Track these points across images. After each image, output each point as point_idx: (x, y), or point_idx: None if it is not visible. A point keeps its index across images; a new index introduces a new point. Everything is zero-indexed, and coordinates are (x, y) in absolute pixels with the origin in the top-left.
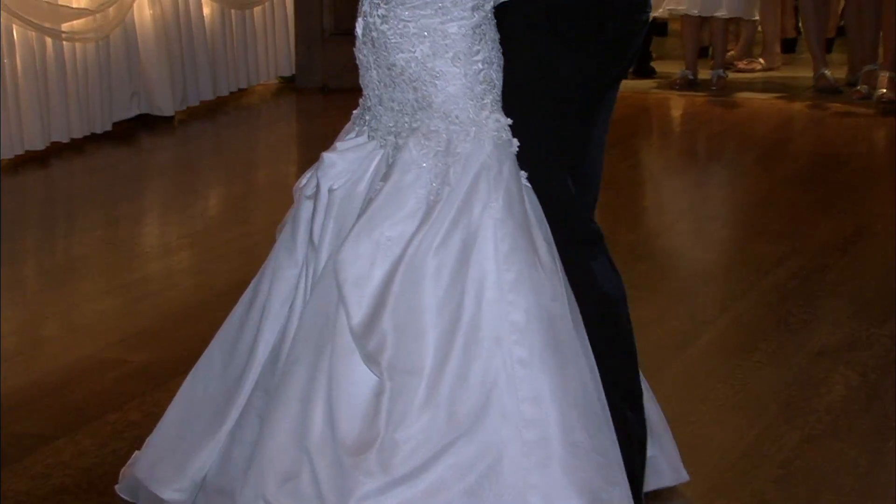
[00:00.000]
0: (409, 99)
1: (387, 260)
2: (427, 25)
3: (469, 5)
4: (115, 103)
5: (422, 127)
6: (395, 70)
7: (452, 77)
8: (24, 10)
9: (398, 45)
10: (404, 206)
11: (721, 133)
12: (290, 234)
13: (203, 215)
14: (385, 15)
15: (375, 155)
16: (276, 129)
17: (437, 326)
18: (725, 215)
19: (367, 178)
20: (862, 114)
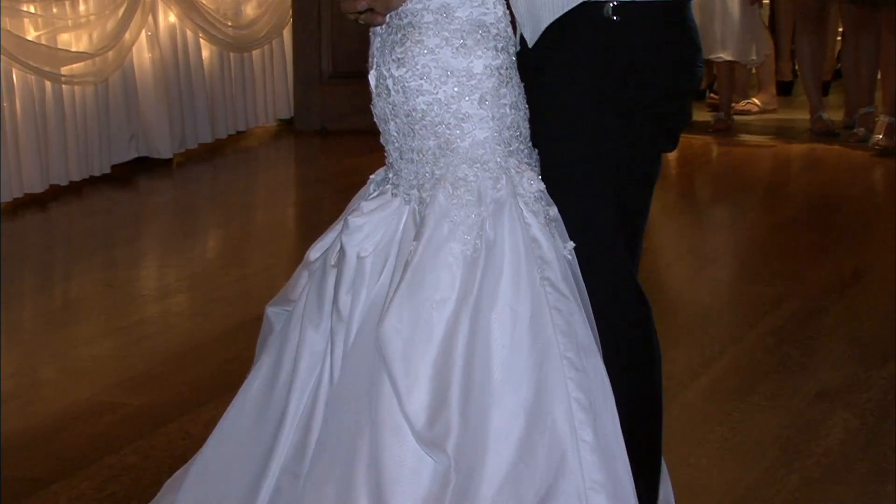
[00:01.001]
0: (429, 146)
1: (436, 328)
2: (450, 65)
3: (492, 45)
4: (114, 146)
5: (447, 175)
6: (414, 116)
7: (480, 120)
8: (24, 54)
9: (419, 87)
10: (443, 264)
11: (719, 175)
12: (316, 306)
13: (201, 258)
14: (401, 58)
15: (402, 212)
16: (275, 172)
17: (501, 403)
18: (724, 257)
19: (396, 239)
20: (859, 156)
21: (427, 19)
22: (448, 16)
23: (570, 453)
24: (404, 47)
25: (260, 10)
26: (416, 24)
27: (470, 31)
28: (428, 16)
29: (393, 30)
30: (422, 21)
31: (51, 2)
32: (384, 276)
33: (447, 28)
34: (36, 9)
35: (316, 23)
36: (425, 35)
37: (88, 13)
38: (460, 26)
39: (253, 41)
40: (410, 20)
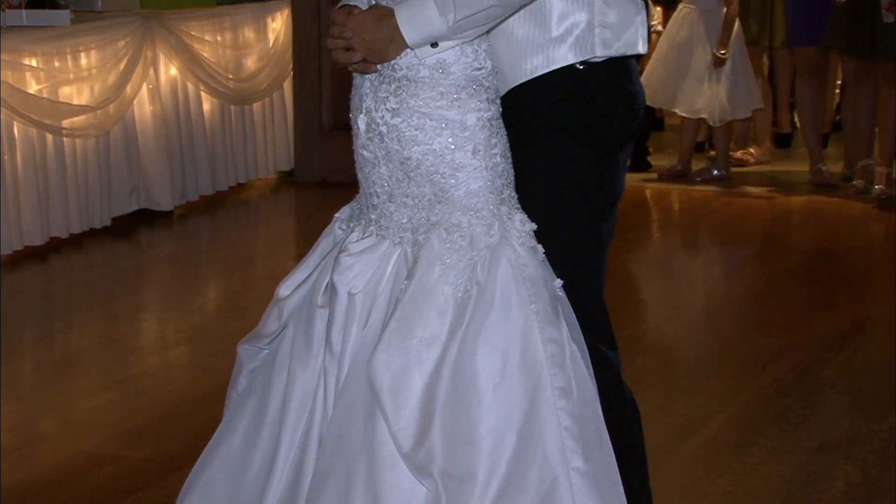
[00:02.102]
0: (425, 193)
1: (425, 363)
2: (445, 117)
3: (484, 97)
4: (115, 198)
5: (442, 221)
6: (409, 164)
7: (474, 170)
8: (25, 108)
9: (413, 138)
10: (433, 304)
11: (719, 226)
12: (304, 345)
13: (201, 310)
14: (396, 108)
15: (391, 254)
16: (275, 224)
17: (489, 429)
18: (724, 308)
19: (385, 278)
20: (859, 208)
21: (423, 74)
22: (444, 71)
23: (562, 480)
24: (399, 98)
25: (261, 63)
26: (411, 77)
27: (464, 86)
28: (424, 71)
29: (385, 79)
30: (418, 75)
31: (53, 55)
32: (374, 313)
33: (443, 83)
34: (38, 62)
35: (316, 76)
36: (421, 89)
37: (90, 67)
38: (455, 81)
39: (254, 94)
40: (406, 73)
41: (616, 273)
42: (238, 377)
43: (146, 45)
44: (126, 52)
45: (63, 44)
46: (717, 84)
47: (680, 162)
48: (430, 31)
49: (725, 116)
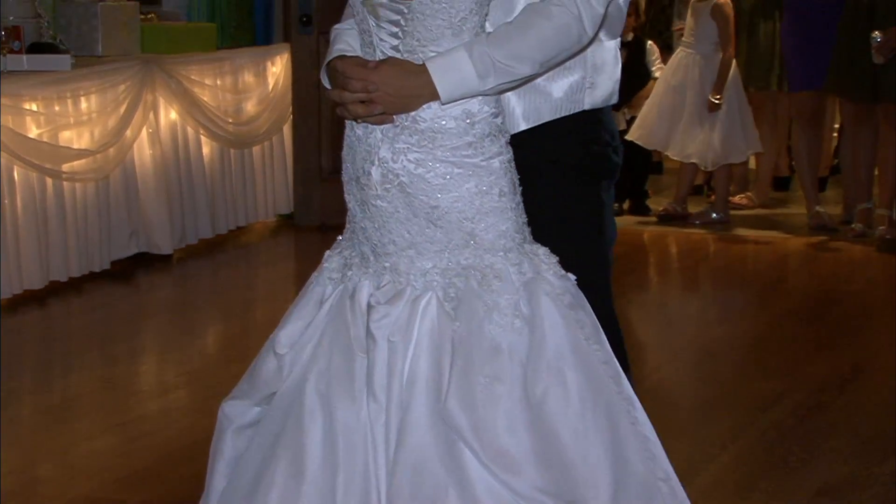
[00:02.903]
0: (452, 238)
1: (498, 398)
2: (472, 164)
3: (503, 140)
4: (114, 242)
5: (475, 264)
6: (437, 212)
7: (502, 212)
8: (25, 152)
9: (441, 186)
10: (487, 344)
11: (718, 270)
12: (345, 390)
13: (201, 353)
14: (421, 159)
15: (419, 299)
16: (275, 268)
17: (581, 453)
18: (723, 352)
19: (418, 324)
20: (857, 251)
21: (449, 125)
22: (469, 121)
23: (655, 492)
24: (423, 149)
25: (260, 107)
26: (436, 129)
27: (487, 133)
28: (450, 122)
29: (405, 130)
30: (444, 126)
31: (53, 100)
32: (414, 360)
33: (469, 133)
34: (38, 107)
35: (316, 119)
36: (447, 139)
37: (90, 111)
38: (480, 129)
39: (253, 138)
40: (430, 125)
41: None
42: (221, 440)
43: (146, 90)
44: (126, 97)
45: (63, 88)
46: (710, 129)
47: (677, 202)
48: (464, 90)
49: (719, 161)
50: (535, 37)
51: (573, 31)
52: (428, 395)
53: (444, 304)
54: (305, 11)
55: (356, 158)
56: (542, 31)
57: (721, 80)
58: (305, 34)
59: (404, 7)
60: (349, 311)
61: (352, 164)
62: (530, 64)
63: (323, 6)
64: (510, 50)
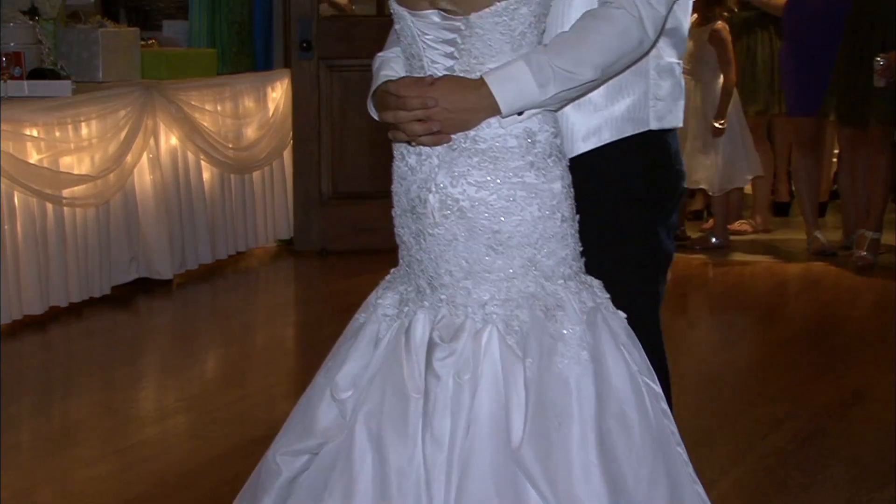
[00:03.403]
0: (513, 265)
1: (569, 441)
2: (534, 186)
3: (564, 164)
4: (114, 267)
5: (537, 293)
6: (499, 237)
7: (563, 237)
8: (26, 177)
9: (505, 209)
10: (556, 379)
11: (718, 295)
12: (395, 433)
13: (200, 378)
14: (483, 181)
15: (479, 333)
16: (275, 293)
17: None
18: (723, 377)
19: (482, 360)
20: (857, 277)
21: (511, 144)
22: (532, 140)
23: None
24: (484, 170)
25: (261, 132)
26: (499, 148)
27: (549, 154)
28: (512, 140)
29: (463, 153)
30: (506, 145)
31: (54, 125)
32: (479, 397)
33: (531, 152)
34: (39, 132)
35: (316, 145)
36: (511, 159)
37: (91, 136)
38: (542, 149)
39: (254, 163)
40: (491, 145)
41: None
42: (265, 492)
43: (147, 115)
44: (127, 122)
45: (64, 114)
46: (715, 154)
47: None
48: (525, 101)
49: (725, 185)
50: (594, 41)
51: (634, 34)
52: (493, 437)
53: (505, 337)
54: (305, 37)
55: (410, 188)
56: (601, 34)
57: (723, 105)
58: (305, 59)
59: (461, 24)
60: (403, 348)
61: (405, 195)
62: (591, 68)
63: (323, 32)
64: (570, 56)
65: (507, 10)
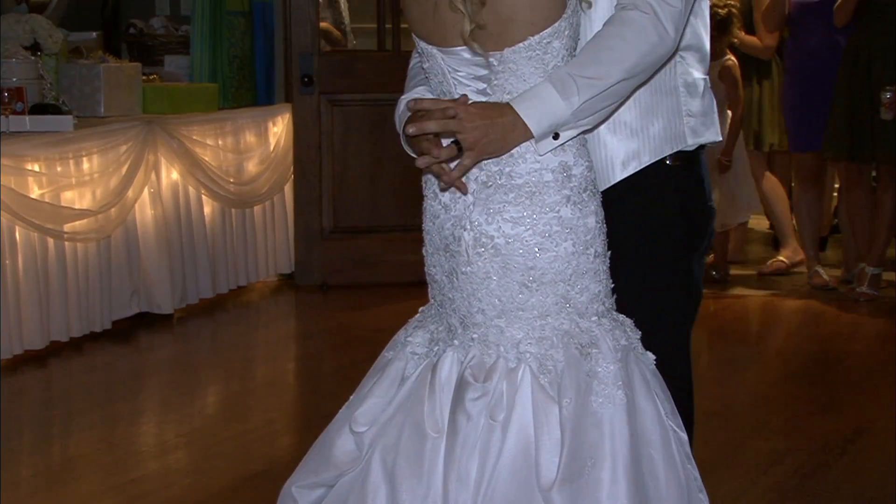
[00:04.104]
0: (546, 303)
1: (600, 486)
2: (569, 221)
3: (598, 199)
4: (115, 302)
5: (571, 331)
6: (533, 273)
7: (595, 274)
8: (27, 212)
9: (541, 244)
10: (590, 419)
11: (718, 329)
12: (411, 473)
13: (201, 413)
14: (519, 217)
15: (514, 374)
16: (275, 327)
17: None
18: (724, 412)
19: (517, 402)
20: (858, 312)
21: (547, 178)
22: (567, 174)
23: None
24: (521, 206)
25: (262, 166)
26: (535, 182)
27: (584, 188)
28: (548, 175)
29: (499, 189)
30: (542, 180)
31: (55, 160)
32: (510, 439)
33: (567, 186)
34: (40, 167)
35: (317, 179)
36: (547, 194)
37: (92, 171)
38: (577, 183)
39: (255, 197)
40: (527, 179)
41: None
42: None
43: (148, 150)
44: (128, 157)
45: (66, 149)
46: (720, 189)
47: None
48: (554, 117)
49: (728, 222)
50: (613, 45)
51: (652, 32)
52: (520, 477)
53: (538, 377)
54: (307, 72)
55: (444, 227)
56: (619, 36)
57: (731, 140)
58: (307, 94)
59: (494, 59)
60: (427, 386)
61: (438, 234)
62: (616, 71)
63: (324, 67)
64: (590, 63)
65: (540, 45)
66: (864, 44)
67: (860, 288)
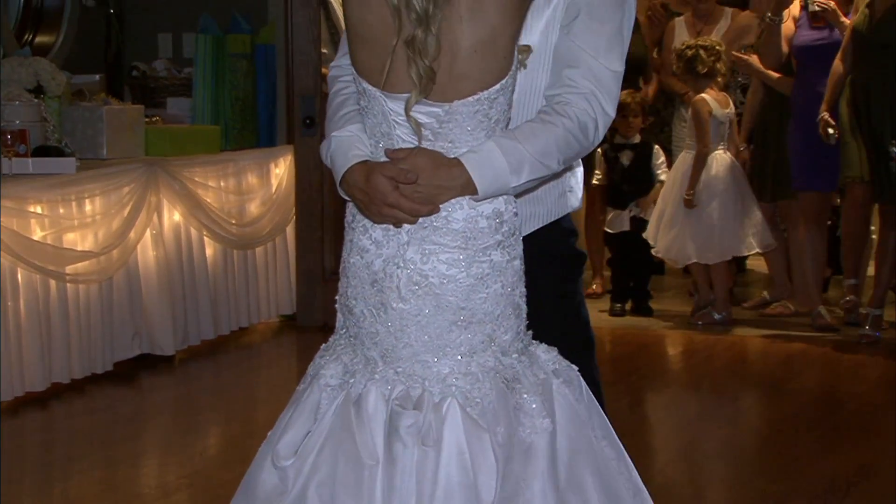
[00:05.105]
0: (474, 341)
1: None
2: (500, 264)
3: (518, 241)
4: (117, 343)
5: (497, 367)
6: (464, 313)
7: (519, 314)
8: (29, 254)
9: (473, 286)
10: (521, 446)
11: (720, 370)
12: (356, 500)
13: (202, 455)
14: (454, 259)
15: (440, 406)
16: (277, 368)
17: None
18: (726, 454)
19: (443, 427)
20: (860, 353)
21: (482, 225)
22: (500, 220)
23: None
24: (456, 249)
25: (264, 208)
26: (471, 228)
27: (512, 233)
28: (483, 221)
29: (436, 231)
30: (477, 226)
31: (58, 202)
32: (443, 467)
33: (499, 231)
34: (43, 209)
35: (318, 220)
36: (481, 238)
37: (94, 213)
38: (507, 228)
39: (256, 239)
40: (465, 225)
41: (616, 418)
42: None
43: (150, 191)
44: (130, 199)
45: (68, 191)
46: (679, 227)
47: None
48: (498, 186)
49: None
50: (560, 135)
51: (590, 133)
52: (459, 499)
53: (466, 408)
54: (308, 114)
55: (374, 262)
56: (565, 129)
57: (694, 175)
58: (309, 136)
59: (441, 110)
60: (354, 418)
61: (366, 269)
62: (556, 160)
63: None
64: (538, 146)
65: (488, 99)
66: (862, 84)
67: (862, 329)
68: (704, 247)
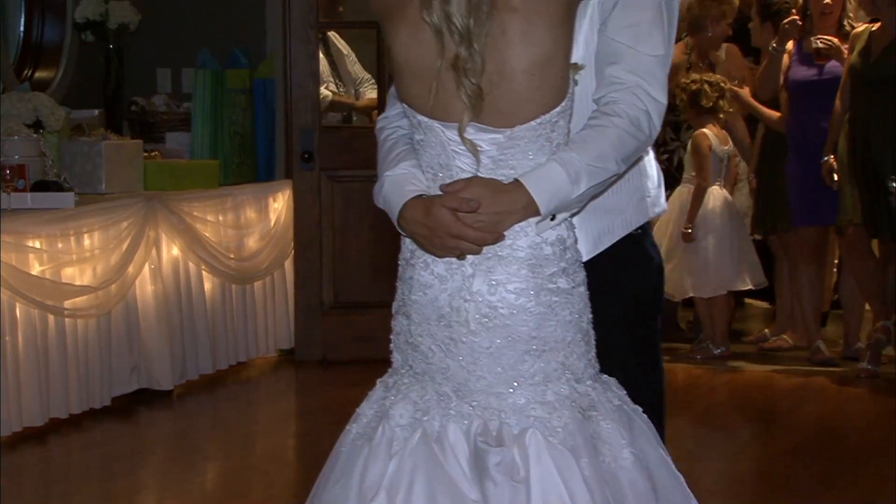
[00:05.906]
0: (548, 369)
1: None
2: (567, 291)
3: (583, 269)
4: (115, 378)
5: (572, 396)
6: (536, 342)
7: (588, 341)
8: (27, 289)
9: (544, 314)
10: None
11: (719, 404)
12: None
13: (201, 490)
14: (522, 288)
15: (522, 438)
16: (275, 403)
17: None
18: (725, 489)
19: (529, 460)
20: (860, 386)
21: (547, 251)
22: (563, 246)
23: None
24: (523, 278)
25: (262, 242)
26: (537, 256)
27: (576, 259)
28: (548, 248)
29: (502, 260)
30: (542, 253)
31: (56, 237)
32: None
33: (563, 258)
34: (41, 244)
35: (317, 255)
36: (547, 266)
37: (93, 248)
38: (571, 255)
39: (255, 273)
40: (530, 253)
41: None
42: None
43: (149, 226)
44: (129, 233)
45: (67, 225)
46: (677, 259)
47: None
48: (560, 199)
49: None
50: (612, 135)
51: (644, 125)
52: None
53: (549, 438)
54: (307, 148)
55: (439, 297)
56: (616, 128)
57: (693, 210)
58: (307, 170)
59: (502, 136)
60: (440, 454)
61: (431, 304)
62: (613, 161)
63: (324, 143)
64: (593, 151)
65: (549, 122)
66: (861, 120)
67: (861, 364)
68: (700, 280)
